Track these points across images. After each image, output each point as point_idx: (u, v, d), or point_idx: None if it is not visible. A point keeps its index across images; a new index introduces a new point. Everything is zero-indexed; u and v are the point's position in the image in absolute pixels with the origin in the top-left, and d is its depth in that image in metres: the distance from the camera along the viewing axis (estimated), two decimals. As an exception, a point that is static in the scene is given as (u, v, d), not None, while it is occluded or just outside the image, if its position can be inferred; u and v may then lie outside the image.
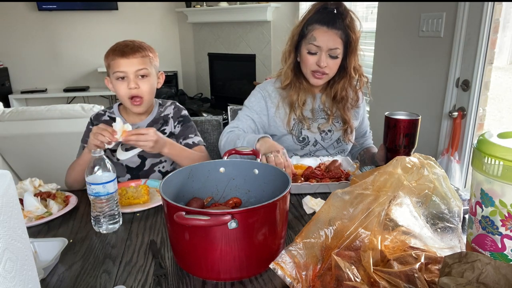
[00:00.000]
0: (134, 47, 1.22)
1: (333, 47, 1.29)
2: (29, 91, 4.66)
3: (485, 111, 1.82)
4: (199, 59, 5.06)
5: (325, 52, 1.29)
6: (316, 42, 1.29)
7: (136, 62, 1.21)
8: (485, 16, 1.67)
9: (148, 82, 1.25)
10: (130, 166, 1.32)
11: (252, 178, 0.93)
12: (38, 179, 1.11)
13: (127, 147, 1.30)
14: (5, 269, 0.41)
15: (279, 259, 0.66)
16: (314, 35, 1.29)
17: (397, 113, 1.17)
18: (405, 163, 0.75)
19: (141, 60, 1.22)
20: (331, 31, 1.29)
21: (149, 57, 1.24)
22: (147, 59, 1.24)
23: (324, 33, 1.29)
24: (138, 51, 1.22)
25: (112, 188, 0.94)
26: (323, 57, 1.30)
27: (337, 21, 1.29)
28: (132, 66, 1.20)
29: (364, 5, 2.85)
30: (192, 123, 1.39)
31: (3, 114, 2.07)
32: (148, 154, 1.31)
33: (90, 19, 4.79)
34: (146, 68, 1.23)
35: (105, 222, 0.94)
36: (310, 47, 1.30)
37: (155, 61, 1.28)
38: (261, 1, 3.99)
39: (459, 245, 0.76)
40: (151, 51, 1.27)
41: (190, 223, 0.66)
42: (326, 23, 1.29)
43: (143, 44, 1.26)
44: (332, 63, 1.32)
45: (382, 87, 2.46)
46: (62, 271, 0.79)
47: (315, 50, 1.30)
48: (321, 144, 1.43)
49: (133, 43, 1.24)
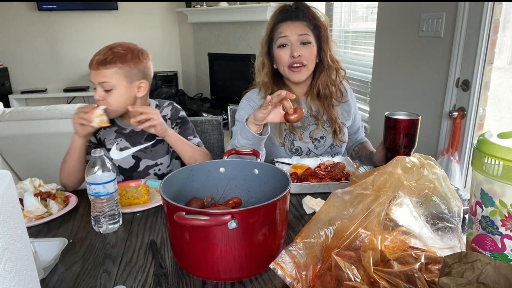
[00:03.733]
0: (100, 61, 1.17)
1: (302, 32, 1.30)
2: (29, 91, 4.66)
3: (485, 111, 1.82)
4: (199, 59, 5.06)
5: (295, 41, 1.30)
6: (283, 34, 1.30)
7: (100, 75, 1.18)
8: (485, 16, 1.67)
9: (113, 95, 1.19)
10: (123, 166, 1.31)
11: (252, 178, 0.93)
12: (38, 179, 1.11)
13: (121, 147, 1.29)
14: (5, 269, 0.41)
15: (279, 259, 0.66)
16: (280, 31, 1.31)
17: (397, 113, 1.17)
18: (405, 163, 0.75)
19: (103, 74, 1.17)
20: (296, 23, 1.31)
21: (116, 68, 1.17)
22: (111, 71, 1.17)
23: (289, 26, 1.31)
24: (102, 64, 1.16)
25: (112, 188, 0.94)
26: (295, 46, 1.30)
27: (299, 14, 1.32)
28: (97, 78, 1.19)
29: (364, 5, 2.85)
30: (190, 125, 1.38)
31: (3, 114, 2.07)
32: (142, 155, 1.30)
33: (90, 19, 4.80)
34: (107, 81, 1.18)
35: (105, 222, 0.94)
36: (279, 41, 1.31)
37: (131, 70, 1.20)
38: (261, 1, 3.99)
39: (459, 245, 0.76)
40: (125, 61, 1.19)
41: (190, 223, 0.66)
42: (289, 18, 1.31)
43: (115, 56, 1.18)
44: (306, 51, 1.31)
45: (382, 87, 2.46)
46: (62, 271, 0.79)
47: (285, 42, 1.31)
48: (314, 152, 1.43)
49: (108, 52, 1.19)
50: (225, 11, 4.37)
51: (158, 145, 1.32)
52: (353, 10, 3.05)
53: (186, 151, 1.25)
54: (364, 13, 2.93)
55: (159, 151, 1.32)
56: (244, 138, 1.18)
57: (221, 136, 1.68)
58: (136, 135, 1.31)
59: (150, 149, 1.31)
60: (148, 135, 1.31)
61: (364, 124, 2.63)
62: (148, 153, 1.31)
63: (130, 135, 1.31)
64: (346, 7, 3.10)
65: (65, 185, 1.24)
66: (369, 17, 2.81)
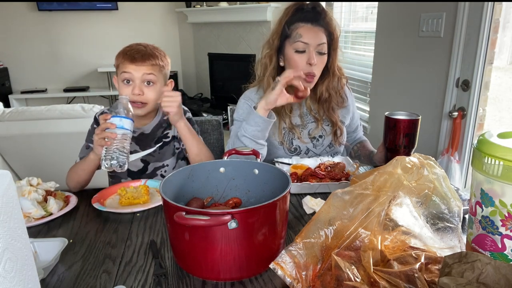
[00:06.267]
0: (145, 54, 1.20)
1: (321, 42, 1.27)
2: (29, 91, 4.67)
3: (485, 111, 1.82)
4: (199, 59, 5.06)
5: (313, 49, 1.27)
6: (302, 39, 1.26)
7: (145, 68, 1.19)
8: (485, 16, 1.67)
9: (154, 90, 1.22)
10: (132, 170, 1.31)
11: (252, 178, 0.93)
12: (36, 178, 1.10)
13: (131, 150, 1.30)
14: (5, 269, 0.41)
15: (279, 259, 0.66)
16: (299, 33, 1.27)
17: (397, 113, 1.17)
18: (405, 163, 0.75)
19: (150, 67, 1.19)
20: (316, 28, 1.27)
21: (159, 65, 1.21)
22: (156, 67, 1.21)
23: (309, 29, 1.27)
24: (148, 59, 1.19)
25: (128, 125, 1.00)
26: (313, 53, 1.27)
27: (319, 18, 1.28)
28: (139, 72, 1.19)
29: (364, 5, 2.85)
30: (196, 127, 1.38)
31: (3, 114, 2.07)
32: (151, 158, 1.31)
33: (90, 19, 4.80)
34: (153, 74, 1.20)
35: (113, 155, 0.97)
36: (297, 45, 1.27)
37: (165, 69, 1.26)
38: (261, 1, 3.99)
39: (459, 245, 0.76)
40: (162, 60, 1.24)
41: (190, 223, 0.66)
42: (310, 20, 1.27)
43: (155, 52, 1.23)
44: (320, 61, 1.30)
45: (382, 87, 2.46)
46: (62, 271, 0.79)
47: (303, 47, 1.27)
48: (313, 151, 1.43)
49: (146, 49, 1.21)
50: (225, 11, 4.37)
51: (165, 147, 1.33)
52: (353, 10, 3.05)
53: (194, 146, 1.24)
54: (364, 13, 2.93)
55: (166, 153, 1.33)
56: (252, 125, 1.20)
57: (221, 136, 1.68)
58: (146, 138, 1.31)
59: (158, 152, 1.32)
60: (157, 138, 1.32)
61: (364, 124, 2.63)
62: (156, 155, 1.32)
63: (140, 138, 1.31)
64: (346, 7, 3.10)
65: (71, 189, 1.24)
66: (369, 17, 2.81)
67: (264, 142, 1.27)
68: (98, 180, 1.27)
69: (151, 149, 1.31)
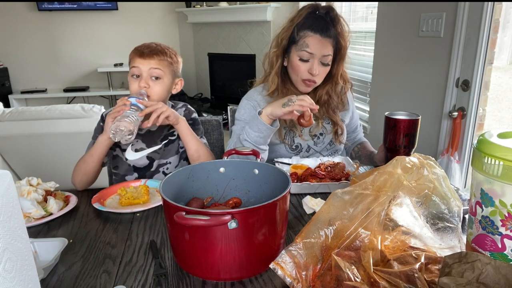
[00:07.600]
0: (154, 50, 1.22)
1: (326, 53, 1.28)
2: (29, 91, 4.67)
3: (485, 111, 1.82)
4: (199, 59, 5.06)
5: (317, 59, 1.28)
6: (309, 49, 1.27)
7: (152, 63, 1.21)
8: (485, 16, 1.67)
9: (160, 85, 1.24)
10: (138, 166, 1.32)
11: (252, 178, 0.93)
12: (36, 178, 1.10)
13: (137, 147, 1.30)
14: (5, 269, 0.41)
15: (279, 259, 0.66)
16: (306, 42, 1.27)
17: (397, 113, 1.17)
18: (405, 163, 0.75)
19: (157, 62, 1.22)
20: (324, 39, 1.27)
21: (167, 61, 1.24)
22: (164, 62, 1.23)
23: (317, 41, 1.27)
24: (156, 54, 1.22)
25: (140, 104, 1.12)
26: (316, 65, 1.28)
27: (329, 28, 1.28)
28: (147, 66, 1.21)
29: (364, 5, 2.85)
30: (200, 127, 1.40)
31: (3, 114, 2.08)
32: (156, 155, 1.32)
33: (90, 19, 4.80)
34: (160, 69, 1.22)
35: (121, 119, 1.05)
36: (302, 54, 1.28)
37: (174, 67, 1.28)
38: (261, 1, 3.99)
39: (459, 245, 0.76)
40: (172, 57, 1.26)
41: (190, 223, 0.66)
42: (320, 31, 1.27)
43: (165, 50, 1.25)
44: (322, 71, 1.31)
45: (382, 87, 2.46)
46: (62, 271, 0.79)
47: (308, 57, 1.28)
48: (314, 149, 1.43)
49: (157, 46, 1.24)
50: (225, 11, 4.38)
51: (170, 144, 1.34)
52: (353, 10, 3.05)
53: (192, 143, 1.26)
54: (364, 13, 2.93)
55: (170, 150, 1.34)
56: (255, 131, 1.21)
57: (221, 136, 1.68)
58: (152, 135, 1.32)
59: (163, 149, 1.33)
60: (163, 135, 1.33)
61: (364, 124, 2.63)
62: (161, 153, 1.33)
63: (146, 135, 1.32)
64: (346, 7, 3.10)
65: (76, 185, 1.23)
66: (369, 17, 2.81)
67: (266, 146, 1.27)
68: (98, 180, 1.27)
69: (156, 146, 1.32)
